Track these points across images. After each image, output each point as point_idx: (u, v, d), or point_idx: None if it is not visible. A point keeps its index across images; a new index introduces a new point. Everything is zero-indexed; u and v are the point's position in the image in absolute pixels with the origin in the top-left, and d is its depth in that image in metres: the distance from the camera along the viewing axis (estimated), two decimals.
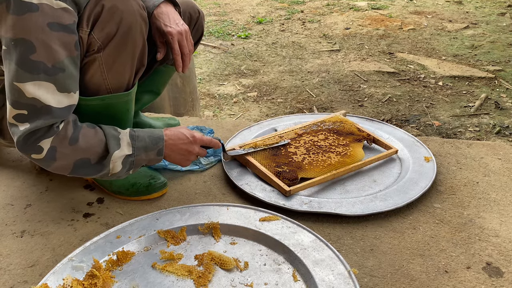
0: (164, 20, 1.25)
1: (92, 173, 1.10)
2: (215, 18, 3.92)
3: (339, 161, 1.40)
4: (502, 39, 3.02)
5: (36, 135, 1.01)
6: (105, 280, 0.99)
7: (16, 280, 1.07)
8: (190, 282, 1.01)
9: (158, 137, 1.16)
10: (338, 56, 2.87)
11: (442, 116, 2.03)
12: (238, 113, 2.17)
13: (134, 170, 1.16)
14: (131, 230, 1.15)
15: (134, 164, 1.13)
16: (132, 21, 1.10)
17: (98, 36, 1.08)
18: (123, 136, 1.11)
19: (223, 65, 2.84)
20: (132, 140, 1.12)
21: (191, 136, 1.21)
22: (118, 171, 1.11)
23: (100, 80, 1.14)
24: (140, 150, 1.12)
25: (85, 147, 1.06)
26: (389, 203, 1.25)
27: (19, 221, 1.26)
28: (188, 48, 1.28)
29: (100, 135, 1.09)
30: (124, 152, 1.10)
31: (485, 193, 1.32)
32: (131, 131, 1.13)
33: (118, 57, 1.12)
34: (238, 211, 1.20)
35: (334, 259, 1.03)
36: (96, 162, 1.09)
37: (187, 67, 1.31)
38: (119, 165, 1.10)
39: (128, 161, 1.11)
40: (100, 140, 1.08)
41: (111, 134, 1.10)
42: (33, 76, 0.97)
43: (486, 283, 1.02)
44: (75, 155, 1.05)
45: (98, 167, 1.09)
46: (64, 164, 1.06)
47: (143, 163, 1.16)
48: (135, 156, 1.12)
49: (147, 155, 1.14)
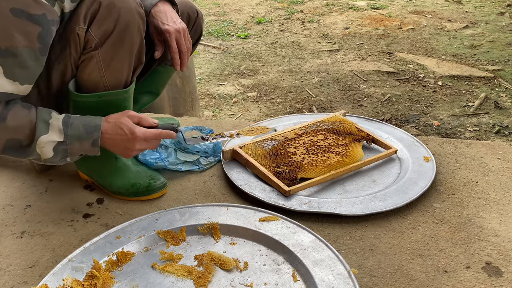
0: (161, 19, 1.25)
1: (22, 155, 1.06)
2: (215, 18, 3.92)
3: (338, 161, 1.40)
4: (502, 38, 3.03)
5: None
6: (105, 280, 0.99)
7: (16, 280, 1.07)
8: (190, 282, 1.01)
9: (94, 126, 1.08)
10: (338, 56, 2.87)
11: (442, 115, 2.03)
12: (238, 113, 2.17)
13: (72, 159, 1.10)
14: (131, 230, 1.15)
15: (69, 153, 1.08)
16: (129, 18, 1.10)
17: (95, 34, 1.08)
18: (53, 122, 1.05)
19: (222, 65, 2.84)
20: (65, 126, 1.05)
21: (131, 133, 1.09)
22: (49, 158, 1.06)
23: (98, 77, 1.14)
24: (72, 138, 1.06)
25: (13, 127, 1.01)
26: (388, 203, 1.25)
27: (19, 222, 1.26)
28: (186, 46, 1.28)
29: (32, 116, 1.03)
30: (52, 138, 1.05)
31: (485, 192, 1.32)
32: (65, 117, 1.07)
33: (116, 54, 1.12)
34: (238, 211, 1.20)
35: (334, 259, 1.03)
36: (26, 145, 1.04)
37: (185, 65, 1.30)
38: (49, 151, 1.05)
39: (60, 149, 1.06)
40: (29, 121, 1.03)
41: (42, 117, 1.05)
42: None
43: (486, 282, 1.02)
44: (4, 133, 1.02)
45: (27, 150, 1.05)
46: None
47: (79, 153, 1.09)
48: (68, 144, 1.06)
49: (81, 145, 1.07)
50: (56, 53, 1.13)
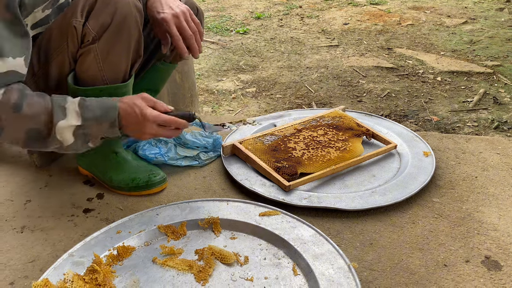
0: (157, 8, 1.18)
1: (46, 144, 1.04)
2: (214, 13, 3.91)
3: (338, 156, 1.40)
4: (501, 34, 3.03)
5: None
6: (105, 275, 0.99)
7: (17, 275, 1.07)
8: (191, 276, 1.01)
9: (110, 107, 1.05)
10: (337, 52, 2.87)
11: (441, 111, 2.04)
12: (237, 109, 2.17)
13: (94, 143, 1.07)
14: (131, 225, 1.15)
15: (90, 136, 1.05)
16: (126, 11, 1.09)
17: (92, 27, 1.07)
18: (69, 106, 1.03)
19: (221, 60, 2.83)
20: (81, 109, 1.03)
21: (141, 115, 1.05)
22: (71, 144, 1.04)
23: (96, 71, 1.13)
24: (90, 120, 1.03)
25: (30, 115, 0.99)
26: (388, 197, 1.25)
27: (19, 217, 1.27)
28: (192, 29, 1.18)
29: (47, 103, 1.02)
30: (71, 122, 1.02)
31: (484, 187, 1.33)
32: (81, 100, 1.04)
33: (114, 48, 1.11)
34: (238, 206, 1.20)
35: (334, 253, 1.03)
36: (46, 134, 1.02)
37: (197, 50, 1.19)
38: (70, 137, 1.03)
39: (79, 133, 1.03)
40: (45, 108, 1.01)
41: (57, 103, 1.02)
42: None
43: (485, 276, 1.02)
44: (23, 124, 1.00)
45: (48, 139, 1.03)
46: (13, 134, 1.01)
47: (99, 135, 1.06)
48: (86, 127, 1.03)
49: (100, 127, 1.04)
50: (54, 46, 1.13)
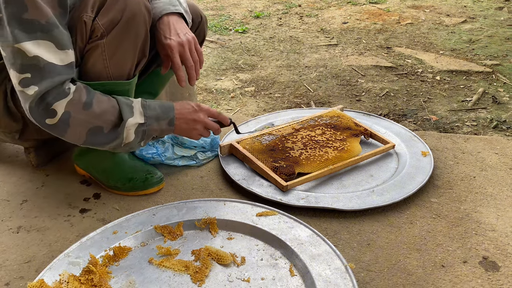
0: (164, 32, 1.20)
1: (106, 141, 1.10)
2: (213, 12, 3.90)
3: (336, 156, 1.39)
4: (500, 33, 3.02)
5: (48, 98, 1.01)
6: (101, 275, 0.99)
7: (12, 276, 1.06)
8: (187, 277, 1.01)
9: (169, 106, 1.17)
10: (336, 51, 2.86)
11: (440, 110, 2.03)
12: (236, 108, 2.16)
13: (145, 142, 1.16)
14: (127, 225, 1.14)
15: (146, 134, 1.14)
16: (136, 10, 1.10)
17: (102, 22, 1.08)
18: (135, 105, 1.12)
19: (220, 59, 2.83)
20: (144, 109, 1.12)
21: (197, 106, 1.21)
22: (131, 141, 1.12)
23: (102, 67, 1.13)
24: (152, 119, 1.13)
25: (99, 113, 1.06)
26: (386, 197, 1.24)
27: (15, 217, 1.26)
28: (193, 59, 1.22)
29: (113, 102, 1.10)
30: (137, 120, 1.11)
31: (482, 187, 1.32)
32: (142, 101, 1.14)
33: (121, 45, 1.12)
34: (235, 206, 1.20)
35: (331, 254, 1.03)
36: (109, 131, 1.09)
37: (194, 79, 1.24)
38: (132, 134, 1.11)
39: (140, 131, 1.12)
40: (113, 106, 1.09)
41: (124, 101, 1.11)
42: (30, 35, 0.97)
43: (483, 277, 1.02)
44: (89, 121, 1.06)
45: (112, 135, 1.09)
46: (77, 131, 1.06)
47: (154, 134, 1.16)
48: (148, 125, 1.13)
49: (159, 125, 1.15)
50: None
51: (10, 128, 1.28)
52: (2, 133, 1.30)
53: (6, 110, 1.24)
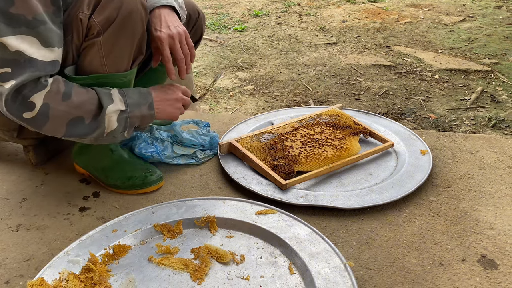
0: (155, 24, 1.19)
1: (88, 132, 1.09)
2: (212, 11, 3.89)
3: (335, 155, 1.40)
4: (499, 32, 3.02)
5: (24, 91, 0.99)
6: (101, 273, 0.99)
7: (12, 274, 1.06)
8: (187, 275, 1.01)
9: (146, 91, 1.18)
10: (335, 49, 2.87)
11: (438, 109, 2.03)
12: (235, 107, 2.16)
13: (129, 132, 1.16)
14: (127, 224, 1.15)
15: (129, 122, 1.14)
16: (132, 7, 1.09)
17: (98, 20, 1.08)
18: (113, 92, 1.12)
19: (219, 58, 2.83)
20: (123, 97, 1.13)
21: (170, 84, 1.27)
22: (113, 129, 1.12)
23: (98, 65, 1.13)
24: (132, 106, 1.13)
25: (78, 103, 1.06)
26: (385, 196, 1.25)
27: (15, 215, 1.26)
28: (184, 52, 1.21)
29: (91, 92, 1.10)
30: (118, 107, 1.11)
31: (481, 186, 1.33)
32: (119, 90, 1.14)
33: (117, 42, 1.11)
34: (234, 204, 1.20)
35: (330, 252, 1.03)
36: (90, 121, 1.08)
37: (184, 72, 1.23)
38: (114, 121, 1.11)
39: (123, 118, 1.12)
40: (92, 97, 1.09)
41: (103, 91, 1.11)
42: (14, 30, 0.96)
43: (481, 275, 1.02)
44: (69, 112, 1.05)
45: (93, 124, 1.09)
46: (57, 124, 1.05)
47: (137, 122, 1.16)
48: (129, 112, 1.13)
49: (140, 110, 1.15)
50: None
51: (8, 126, 1.28)
52: (0, 131, 1.30)
53: None
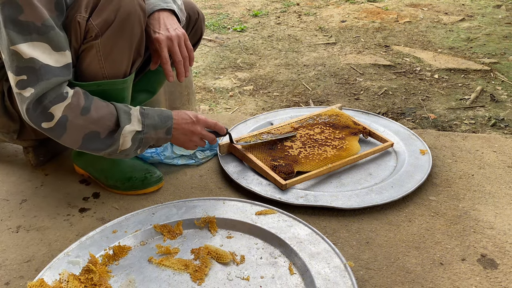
0: (154, 26, 1.19)
1: (102, 147, 1.10)
2: (211, 11, 3.89)
3: (335, 155, 1.40)
4: (498, 31, 3.02)
5: (45, 101, 1.01)
6: (101, 274, 0.99)
7: (12, 275, 1.06)
8: (187, 276, 1.01)
9: (167, 116, 1.17)
10: (334, 49, 2.86)
11: (438, 109, 2.03)
12: (234, 107, 2.16)
13: (142, 150, 1.16)
14: (127, 224, 1.15)
15: (143, 142, 1.14)
16: (130, 9, 1.09)
17: (96, 23, 1.07)
18: (133, 112, 1.12)
19: (218, 58, 2.83)
20: (142, 117, 1.13)
21: (194, 117, 1.21)
22: (127, 148, 1.12)
23: (97, 68, 1.13)
24: (149, 127, 1.13)
25: (96, 118, 1.06)
26: (384, 196, 1.25)
27: (15, 216, 1.26)
28: (182, 54, 1.20)
29: (111, 108, 1.10)
30: (134, 128, 1.11)
31: (480, 185, 1.33)
32: (141, 109, 1.14)
33: (116, 45, 1.11)
34: (234, 205, 1.20)
35: (330, 252, 1.03)
36: (105, 136, 1.09)
37: (183, 75, 1.22)
38: (129, 141, 1.11)
39: (137, 138, 1.12)
40: (111, 113, 1.09)
41: (122, 108, 1.11)
42: (25, 37, 0.98)
43: (481, 275, 1.02)
44: (86, 126, 1.06)
45: (108, 141, 1.09)
46: (73, 136, 1.06)
47: (151, 142, 1.16)
48: (145, 133, 1.13)
49: (156, 133, 1.15)
50: None
51: (8, 128, 1.28)
52: (0, 133, 1.30)
53: (3, 109, 1.24)
